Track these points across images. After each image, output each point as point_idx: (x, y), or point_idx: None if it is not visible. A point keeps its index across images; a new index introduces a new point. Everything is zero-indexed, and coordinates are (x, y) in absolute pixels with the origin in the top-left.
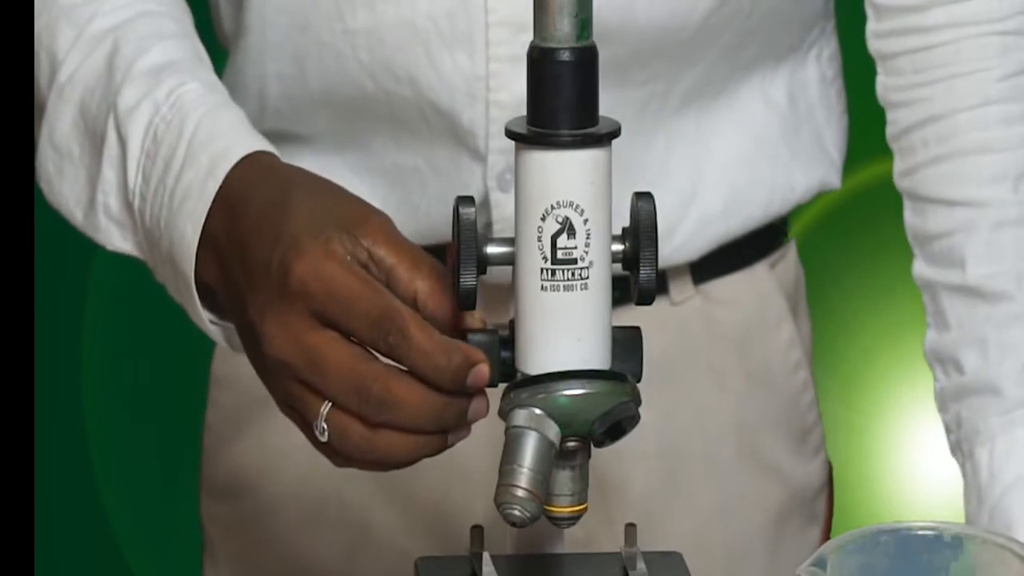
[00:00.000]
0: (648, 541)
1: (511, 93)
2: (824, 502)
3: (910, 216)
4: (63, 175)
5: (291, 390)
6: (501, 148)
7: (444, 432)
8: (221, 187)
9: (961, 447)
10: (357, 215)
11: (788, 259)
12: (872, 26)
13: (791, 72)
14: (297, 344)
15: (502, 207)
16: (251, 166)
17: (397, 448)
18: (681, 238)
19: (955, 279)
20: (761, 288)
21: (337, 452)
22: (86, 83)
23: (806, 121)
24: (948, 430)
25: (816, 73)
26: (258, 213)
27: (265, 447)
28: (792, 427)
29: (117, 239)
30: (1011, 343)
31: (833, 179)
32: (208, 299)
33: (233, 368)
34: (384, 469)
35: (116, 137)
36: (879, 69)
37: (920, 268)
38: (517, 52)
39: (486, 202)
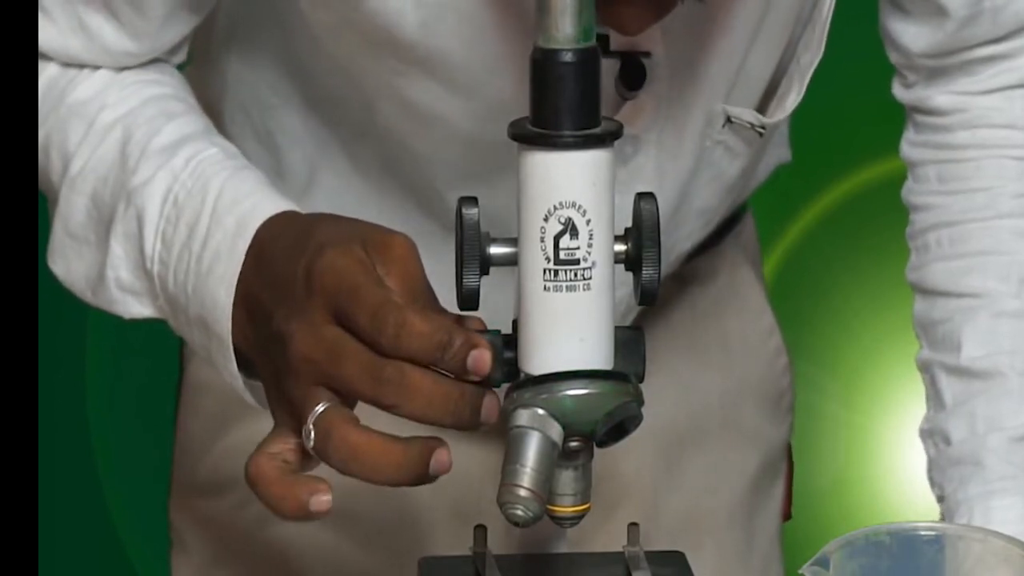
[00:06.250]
0: (640, 521)
1: None
2: (785, 458)
3: (919, 306)
4: (82, 258)
5: (302, 392)
6: None
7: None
8: (250, 244)
9: (944, 519)
10: (379, 239)
11: (747, 224)
12: (908, 135)
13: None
14: (317, 337)
15: None
16: (277, 220)
17: (381, 458)
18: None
19: (951, 360)
20: (730, 257)
21: (322, 455)
22: (98, 173)
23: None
24: (938, 501)
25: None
26: (285, 248)
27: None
28: (768, 392)
29: (135, 307)
30: (998, 417)
31: (786, 156)
32: (239, 361)
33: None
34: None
35: (128, 211)
36: (908, 175)
37: (922, 354)
38: None
39: None
